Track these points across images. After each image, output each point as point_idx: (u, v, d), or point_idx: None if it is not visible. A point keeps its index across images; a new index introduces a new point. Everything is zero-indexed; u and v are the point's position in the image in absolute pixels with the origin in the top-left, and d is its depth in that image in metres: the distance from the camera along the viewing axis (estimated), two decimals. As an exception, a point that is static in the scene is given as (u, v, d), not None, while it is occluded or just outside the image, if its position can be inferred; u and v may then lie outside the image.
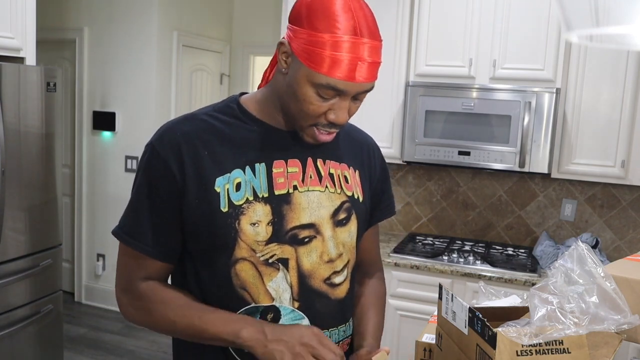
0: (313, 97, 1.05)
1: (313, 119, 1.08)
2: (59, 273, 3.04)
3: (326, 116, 1.08)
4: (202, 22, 4.60)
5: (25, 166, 2.76)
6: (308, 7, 1.03)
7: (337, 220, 1.18)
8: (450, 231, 3.42)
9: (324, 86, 1.03)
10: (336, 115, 1.07)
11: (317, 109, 1.06)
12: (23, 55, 2.81)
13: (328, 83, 1.02)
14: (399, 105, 3.12)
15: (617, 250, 3.12)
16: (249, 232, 1.09)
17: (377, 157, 1.34)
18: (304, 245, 1.13)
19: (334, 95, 1.05)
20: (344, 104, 1.07)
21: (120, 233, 1.15)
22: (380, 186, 1.33)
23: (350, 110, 1.09)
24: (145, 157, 1.13)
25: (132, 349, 3.78)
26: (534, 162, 2.82)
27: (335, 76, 1.01)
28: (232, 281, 1.11)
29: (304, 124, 1.10)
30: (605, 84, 2.79)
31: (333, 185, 1.19)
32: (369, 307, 1.31)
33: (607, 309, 0.98)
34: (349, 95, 1.06)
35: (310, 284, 1.14)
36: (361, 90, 1.06)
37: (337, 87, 1.03)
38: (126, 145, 4.27)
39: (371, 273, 1.40)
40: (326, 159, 1.20)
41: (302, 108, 1.07)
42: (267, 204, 1.11)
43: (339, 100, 1.06)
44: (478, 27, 2.93)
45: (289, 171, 1.14)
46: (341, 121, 1.08)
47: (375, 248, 1.43)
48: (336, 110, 1.07)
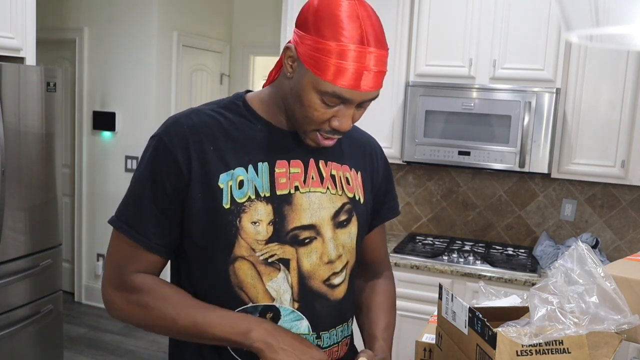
0: (317, 103, 1.05)
1: (316, 124, 1.08)
2: (59, 273, 3.04)
3: (330, 123, 1.08)
4: (202, 22, 4.60)
5: (25, 166, 2.76)
6: (315, 13, 1.03)
7: (338, 221, 1.18)
8: (450, 231, 3.42)
9: (329, 94, 1.03)
10: (340, 123, 1.07)
11: (321, 116, 1.07)
12: (23, 55, 2.81)
13: (334, 91, 1.02)
14: (399, 105, 3.12)
15: (617, 250, 3.12)
16: (250, 230, 1.09)
17: (380, 158, 1.33)
18: (305, 246, 1.13)
19: (338, 103, 1.05)
20: (348, 112, 1.07)
21: (118, 222, 1.11)
22: (384, 187, 1.33)
23: (354, 117, 1.10)
24: (151, 148, 1.11)
25: (132, 349, 3.78)
26: (534, 162, 2.82)
27: (340, 85, 1.01)
28: (229, 280, 1.10)
29: (307, 128, 1.10)
30: (605, 84, 2.79)
31: (334, 187, 1.19)
32: (378, 308, 1.32)
33: (607, 309, 0.98)
34: (354, 104, 1.06)
35: (310, 285, 1.14)
36: (366, 98, 1.06)
37: (343, 96, 1.03)
38: (126, 145, 4.27)
39: (380, 272, 1.40)
40: (328, 160, 1.20)
41: (306, 114, 1.07)
42: (269, 203, 1.10)
43: (343, 108, 1.06)
44: (478, 27, 2.93)
45: (291, 172, 1.14)
46: (345, 129, 1.08)
47: (382, 248, 1.43)
48: (340, 118, 1.07)
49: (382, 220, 1.36)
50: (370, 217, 1.30)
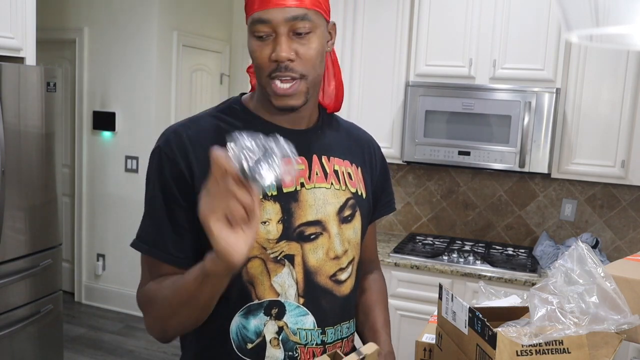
0: (254, 43, 1.08)
1: (264, 68, 1.08)
2: (59, 273, 3.04)
3: (270, 58, 1.07)
4: (202, 22, 4.60)
5: (25, 166, 2.76)
6: None
7: (343, 217, 1.18)
8: (450, 231, 3.42)
9: (253, 25, 1.06)
10: (276, 52, 1.06)
11: (260, 55, 1.07)
12: (23, 55, 2.81)
13: (253, 19, 1.06)
14: (399, 105, 3.12)
15: (617, 250, 3.12)
16: (260, 230, 1.09)
17: (377, 155, 1.34)
18: (310, 242, 1.13)
19: (269, 33, 1.06)
20: (279, 40, 1.06)
21: (139, 244, 1.12)
22: (381, 184, 1.34)
23: (298, 51, 1.07)
24: (155, 162, 1.11)
25: (132, 349, 3.78)
26: (534, 162, 2.82)
27: (254, 10, 1.05)
28: (241, 277, 1.11)
29: (263, 81, 1.10)
30: (605, 84, 2.79)
31: (338, 182, 1.19)
32: (375, 304, 1.32)
33: (607, 309, 0.98)
34: (281, 27, 1.05)
35: (316, 281, 1.14)
36: (286, 16, 1.05)
37: (261, 18, 1.05)
38: (126, 145, 4.26)
39: (371, 270, 1.41)
40: (330, 155, 1.20)
41: (254, 64, 1.10)
42: (277, 202, 1.11)
43: (275, 39, 1.06)
44: (478, 27, 2.93)
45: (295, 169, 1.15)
46: (281, 57, 1.05)
47: (374, 245, 1.44)
48: (274, 48, 1.06)
49: (377, 216, 1.36)
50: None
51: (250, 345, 1.12)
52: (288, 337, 1.13)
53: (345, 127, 1.31)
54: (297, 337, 1.13)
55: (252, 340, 1.12)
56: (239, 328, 1.13)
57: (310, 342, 1.15)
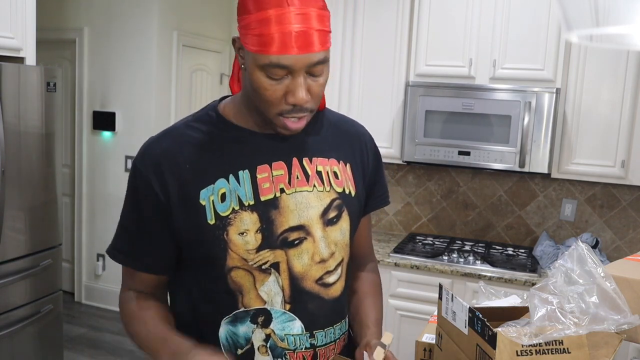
0: (265, 81, 1.02)
1: (275, 106, 1.04)
2: (59, 273, 3.04)
3: (286, 100, 1.04)
4: (202, 22, 4.60)
5: (25, 166, 2.76)
6: None
7: (327, 219, 1.16)
8: (450, 231, 3.42)
9: (268, 66, 0.99)
10: (294, 96, 1.02)
11: (273, 94, 1.03)
12: (23, 55, 2.81)
13: (270, 62, 0.99)
14: (399, 105, 3.12)
15: (617, 250, 3.12)
16: (238, 242, 1.08)
17: (369, 147, 1.29)
18: (295, 247, 1.12)
19: (284, 75, 1.01)
20: (297, 82, 1.02)
21: (112, 251, 1.18)
22: (373, 177, 1.30)
23: (311, 89, 1.04)
24: (130, 179, 1.15)
25: (132, 349, 3.78)
26: (534, 162, 2.82)
27: (272, 53, 0.98)
28: (228, 286, 1.11)
29: (270, 115, 1.07)
30: (605, 84, 2.79)
31: (322, 184, 1.16)
32: (366, 296, 1.30)
33: (607, 309, 0.98)
34: (299, 71, 1.01)
35: (302, 286, 1.13)
36: (308, 62, 1.01)
37: (280, 64, 0.99)
38: (126, 145, 4.26)
39: (364, 265, 1.38)
40: (313, 156, 1.17)
41: (261, 97, 1.04)
42: (254, 211, 1.09)
43: (292, 80, 1.02)
44: (478, 27, 2.93)
45: (274, 175, 1.12)
46: (300, 101, 1.03)
47: (367, 240, 1.40)
48: (292, 90, 1.02)
49: (370, 209, 1.32)
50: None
51: (240, 351, 1.13)
52: (276, 343, 1.13)
53: (333, 121, 1.26)
54: (285, 343, 1.13)
55: (242, 346, 1.13)
56: (229, 333, 1.13)
57: (300, 347, 1.14)
